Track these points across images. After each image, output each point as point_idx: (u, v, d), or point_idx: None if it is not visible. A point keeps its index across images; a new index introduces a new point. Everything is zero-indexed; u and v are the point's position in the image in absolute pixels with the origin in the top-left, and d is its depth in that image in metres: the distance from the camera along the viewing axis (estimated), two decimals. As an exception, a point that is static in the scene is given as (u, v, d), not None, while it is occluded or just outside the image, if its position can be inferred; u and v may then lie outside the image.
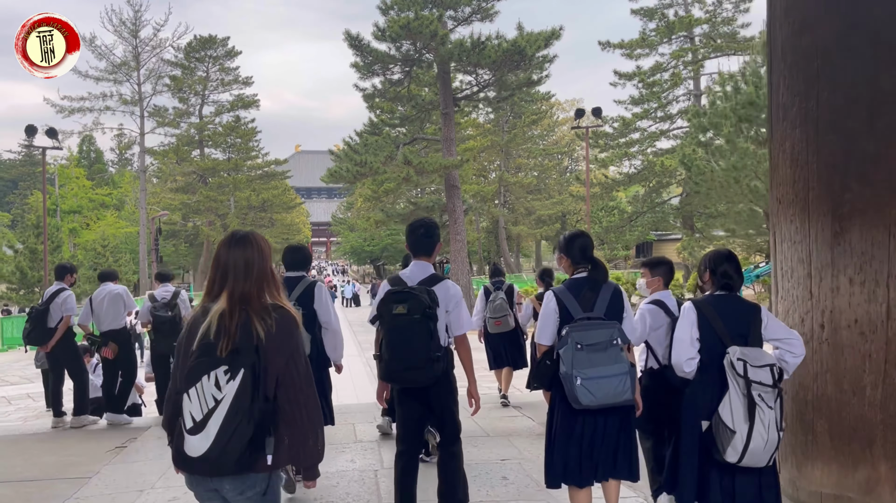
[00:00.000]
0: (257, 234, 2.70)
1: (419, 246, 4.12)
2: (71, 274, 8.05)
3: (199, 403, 2.36)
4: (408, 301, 3.78)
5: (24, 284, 29.65)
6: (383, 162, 27.06)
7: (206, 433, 2.34)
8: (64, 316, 7.69)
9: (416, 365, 3.75)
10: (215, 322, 2.45)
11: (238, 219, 49.25)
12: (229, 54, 55.00)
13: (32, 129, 23.90)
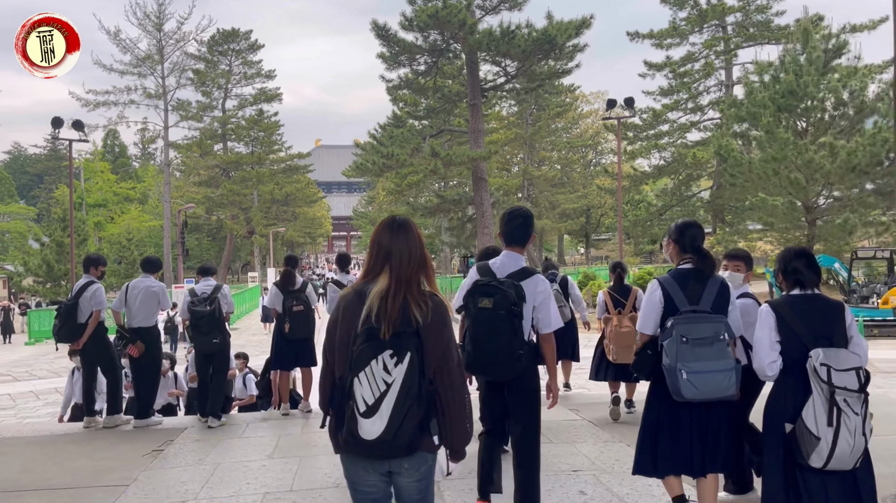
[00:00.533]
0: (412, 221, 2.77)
1: (514, 235, 4.05)
2: (97, 266, 7.60)
3: (370, 387, 2.41)
4: (494, 295, 3.71)
5: (51, 277, 29.62)
6: (410, 154, 26.60)
7: (380, 416, 2.39)
8: (94, 310, 7.27)
9: (497, 360, 3.74)
10: (376, 305, 2.51)
11: (261, 212, 49.15)
12: (252, 47, 54.82)
13: (59, 122, 23.73)
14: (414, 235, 2.66)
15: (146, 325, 7.34)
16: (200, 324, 7.11)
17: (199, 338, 7.21)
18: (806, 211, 24.21)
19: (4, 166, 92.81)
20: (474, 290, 3.80)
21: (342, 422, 2.49)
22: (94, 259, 7.70)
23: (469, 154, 26.28)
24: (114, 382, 7.45)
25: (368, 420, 2.39)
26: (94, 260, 7.68)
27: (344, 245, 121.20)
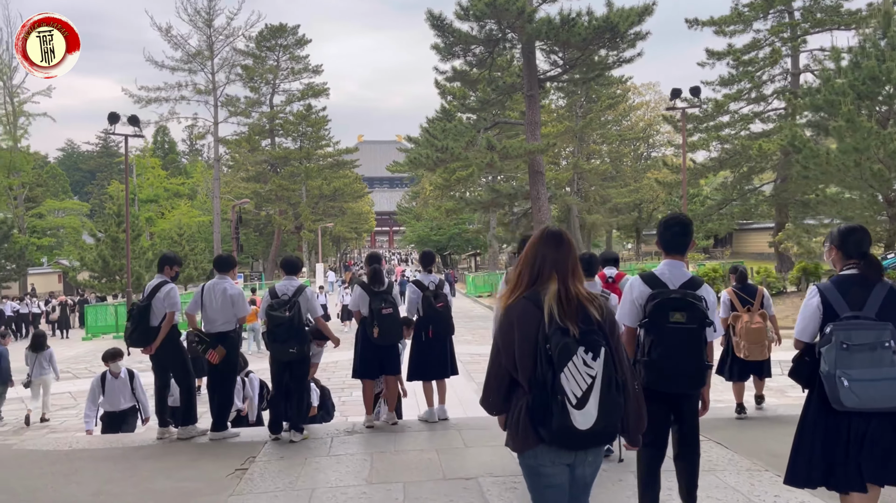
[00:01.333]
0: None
1: (674, 244, 4.04)
2: (171, 265, 7.06)
3: (577, 381, 2.61)
4: (686, 309, 3.75)
5: (106, 272, 29.78)
6: (464, 147, 25.91)
7: (591, 407, 2.61)
8: (167, 312, 6.77)
9: (691, 373, 3.81)
10: (555, 307, 2.73)
11: (309, 207, 49.04)
12: (299, 42, 54.80)
13: (115, 117, 23.70)
14: (572, 244, 2.92)
15: (226, 330, 6.78)
16: (277, 331, 6.44)
17: (274, 346, 6.59)
18: (888, 205, 22.78)
19: (58, 163, 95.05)
20: (663, 304, 3.76)
21: (542, 418, 2.69)
22: (169, 258, 7.13)
23: (526, 147, 25.46)
24: (188, 390, 6.94)
25: (580, 411, 2.60)
26: (170, 259, 7.11)
27: (386, 240, 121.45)
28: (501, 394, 2.87)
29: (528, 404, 2.74)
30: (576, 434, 2.62)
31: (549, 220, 26.87)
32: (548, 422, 2.67)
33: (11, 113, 41.48)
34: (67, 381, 15.94)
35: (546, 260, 2.86)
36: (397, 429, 6.89)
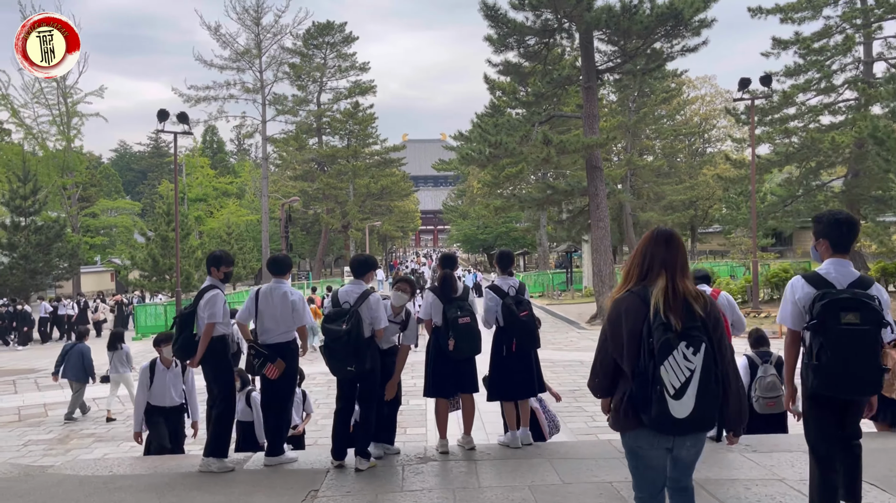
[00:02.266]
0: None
1: (843, 241, 3.88)
2: (218, 265, 6.11)
3: (676, 373, 2.85)
4: (860, 310, 3.56)
5: (156, 271, 29.68)
6: (519, 142, 24.90)
7: (688, 398, 2.84)
8: (207, 323, 5.88)
9: (868, 378, 3.61)
10: (661, 303, 2.96)
11: (357, 206, 48.62)
12: (346, 40, 54.48)
13: (164, 114, 23.40)
14: (682, 244, 3.16)
15: (285, 340, 5.97)
16: (334, 347, 5.55)
17: (331, 363, 5.69)
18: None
19: (112, 164, 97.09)
20: (833, 305, 3.58)
21: (642, 405, 2.94)
22: (216, 257, 6.19)
23: (584, 141, 24.32)
24: (218, 417, 6.02)
25: (678, 401, 2.84)
26: (217, 258, 6.17)
27: (431, 239, 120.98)
28: (608, 379, 3.13)
29: (631, 391, 2.98)
30: (673, 421, 2.84)
31: (606, 217, 25.67)
32: (647, 409, 2.90)
33: (65, 113, 41.97)
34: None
35: (655, 258, 3.08)
36: (476, 456, 5.99)
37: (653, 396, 2.86)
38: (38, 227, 25.96)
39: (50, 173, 39.11)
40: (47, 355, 21.06)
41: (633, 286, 3.08)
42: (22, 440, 10.93)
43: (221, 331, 5.97)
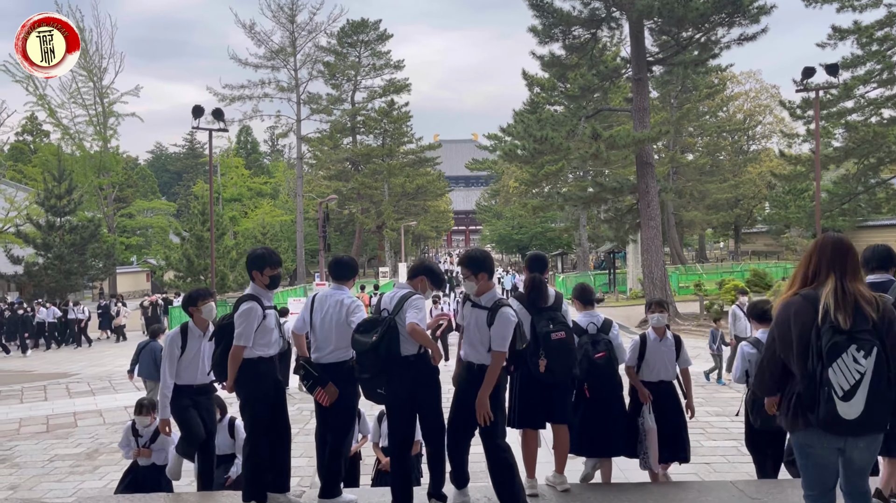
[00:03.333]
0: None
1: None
2: (261, 269, 5.04)
3: (845, 375, 2.87)
4: None
5: (191, 272, 29.13)
6: (566, 137, 23.73)
7: (857, 400, 2.86)
8: (233, 344, 4.86)
9: None
10: (832, 305, 2.98)
11: (391, 206, 47.81)
12: (381, 38, 53.75)
13: (199, 111, 22.76)
14: (852, 247, 3.20)
15: (340, 360, 4.96)
16: (362, 362, 4.55)
17: (360, 382, 4.71)
18: None
19: (148, 165, 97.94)
20: None
21: (810, 405, 2.97)
22: (258, 257, 5.08)
23: (634, 135, 23.06)
24: (249, 457, 5.04)
25: (847, 403, 2.85)
26: (259, 259, 5.06)
27: (462, 240, 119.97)
28: (775, 378, 3.20)
29: (799, 391, 3.04)
30: (842, 422, 2.89)
31: (658, 216, 24.37)
32: (815, 409, 2.95)
33: (101, 113, 41.85)
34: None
35: (822, 261, 3.15)
36: (570, 499, 4.94)
37: (820, 397, 2.91)
38: (73, 227, 25.52)
39: (86, 173, 38.96)
40: (80, 359, 20.53)
41: (802, 289, 3.14)
42: (48, 454, 10.16)
43: (257, 354, 4.92)
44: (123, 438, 6.52)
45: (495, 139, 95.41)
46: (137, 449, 6.29)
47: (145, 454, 6.26)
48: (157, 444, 6.31)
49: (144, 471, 6.33)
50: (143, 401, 6.42)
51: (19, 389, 15.14)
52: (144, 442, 6.33)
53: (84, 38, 40.70)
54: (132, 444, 6.39)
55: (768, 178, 53.67)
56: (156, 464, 6.31)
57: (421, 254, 77.43)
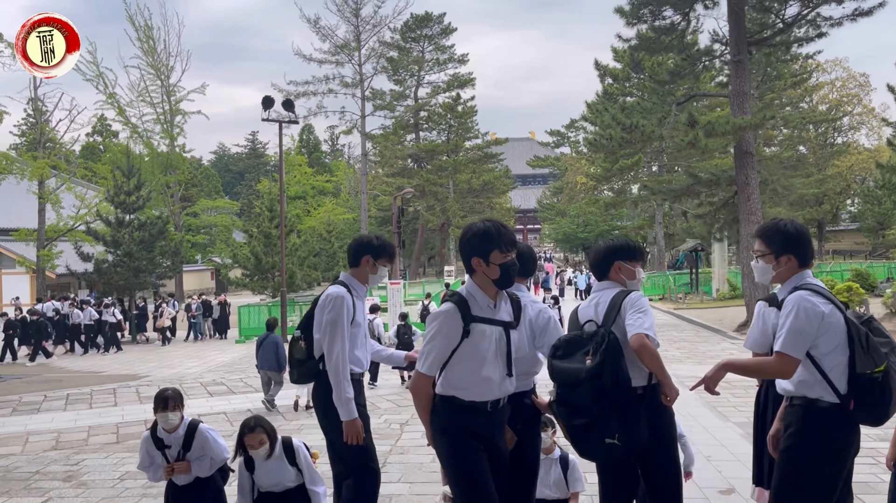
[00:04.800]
0: None
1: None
2: (377, 256, 4.17)
3: None
4: None
5: (259, 270, 28.40)
6: (658, 124, 21.93)
7: None
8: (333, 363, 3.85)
9: None
10: None
11: (457, 203, 46.49)
12: (444, 32, 52.65)
13: (269, 101, 21.85)
14: None
15: (523, 390, 3.53)
16: (576, 399, 3.14)
17: (573, 431, 3.30)
18: None
19: (211, 165, 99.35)
20: None
21: None
22: (363, 245, 4.22)
23: (735, 122, 21.09)
24: (360, 479, 3.93)
25: None
26: (364, 246, 4.21)
27: (520, 238, 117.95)
28: None
29: None
30: None
31: (759, 210, 22.31)
32: None
33: (168, 111, 41.79)
34: (221, 398, 13.68)
35: None
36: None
37: None
38: (142, 224, 25.03)
39: (154, 171, 38.89)
40: (150, 359, 19.80)
41: None
42: (119, 471, 9.08)
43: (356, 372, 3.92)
44: (142, 455, 4.82)
45: (558, 135, 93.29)
46: (169, 464, 4.70)
47: (182, 469, 4.68)
48: (195, 451, 4.71)
49: (186, 494, 4.79)
50: (166, 392, 4.73)
51: (88, 392, 14.32)
52: (176, 451, 4.72)
53: (152, 37, 40.73)
54: (158, 461, 4.78)
55: (858, 172, 50.28)
56: (199, 479, 4.77)
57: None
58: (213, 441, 4.77)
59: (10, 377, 16.62)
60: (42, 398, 13.79)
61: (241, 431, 4.65)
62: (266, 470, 4.63)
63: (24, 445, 10.36)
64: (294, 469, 4.68)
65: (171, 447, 4.71)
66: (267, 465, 4.63)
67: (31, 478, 8.79)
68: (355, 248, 4.26)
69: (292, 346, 4.25)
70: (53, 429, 11.27)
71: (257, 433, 4.55)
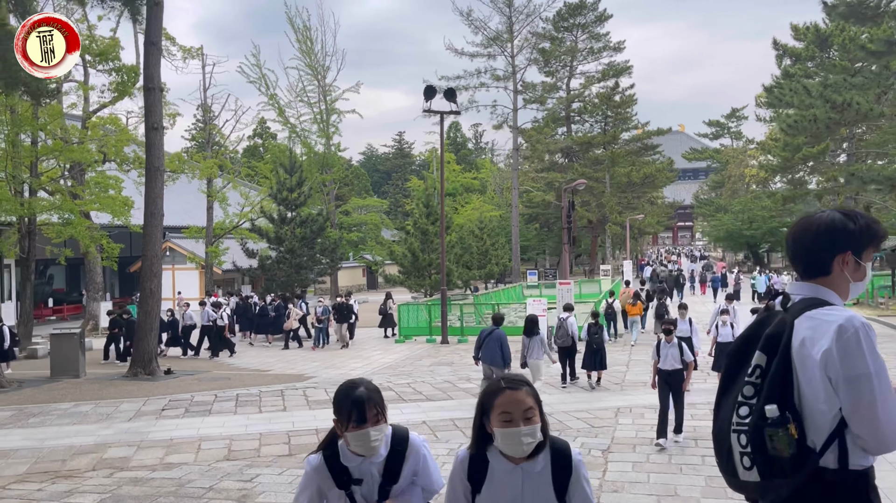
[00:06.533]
0: None
1: None
2: (863, 246, 2.29)
3: None
4: None
5: (416, 267, 27.68)
6: (876, 100, 18.68)
7: None
8: None
9: None
10: None
11: (615, 197, 43.88)
12: (599, 19, 50.11)
13: (431, 91, 20.91)
14: None
15: None
16: None
17: None
18: None
19: (360, 165, 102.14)
20: None
21: None
22: (835, 234, 2.26)
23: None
24: None
25: None
26: (837, 237, 2.26)
27: (669, 236, 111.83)
28: None
29: None
30: None
31: None
32: None
33: (324, 111, 42.47)
34: (391, 405, 12.57)
35: None
36: None
37: None
38: (304, 221, 24.97)
39: (311, 170, 39.58)
40: (315, 357, 19.34)
41: None
42: (292, 488, 8.08)
43: None
44: (310, 496, 2.95)
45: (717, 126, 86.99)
46: None
47: None
48: (404, 481, 2.92)
49: None
50: (357, 390, 2.82)
51: (257, 394, 13.77)
52: (374, 489, 2.88)
53: (310, 37, 41.54)
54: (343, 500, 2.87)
55: None
56: None
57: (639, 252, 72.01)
58: (430, 462, 3.03)
59: (183, 373, 16.61)
60: (213, 398, 13.38)
61: None
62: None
63: (197, 453, 9.71)
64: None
65: (364, 482, 2.90)
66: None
67: (205, 495, 7.97)
68: (822, 244, 2.28)
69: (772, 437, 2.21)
70: (225, 434, 10.62)
71: None
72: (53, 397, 13.82)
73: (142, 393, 14.04)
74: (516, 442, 2.47)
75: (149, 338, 16.33)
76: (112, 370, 17.43)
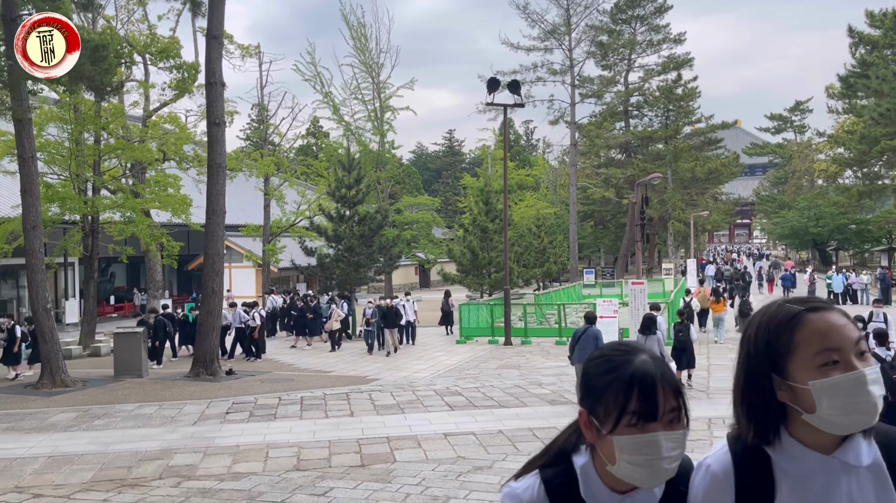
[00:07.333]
0: None
1: None
2: None
3: None
4: None
5: (475, 266, 26.97)
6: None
7: None
8: None
9: None
10: None
11: (678, 194, 42.37)
12: (658, 10, 48.53)
13: (494, 83, 20.34)
14: None
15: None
16: None
17: None
18: None
19: (411, 163, 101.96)
20: None
21: None
22: None
23: None
24: None
25: None
26: None
27: (726, 234, 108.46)
28: None
29: None
30: None
31: None
32: None
33: (378, 108, 42.08)
34: (463, 413, 11.88)
35: None
36: None
37: None
38: (362, 218, 24.53)
39: (367, 167, 39.21)
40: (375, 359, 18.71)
41: None
42: (371, 508, 7.47)
43: None
44: None
45: (779, 120, 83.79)
46: None
47: None
48: None
49: None
50: (644, 366, 1.53)
51: (322, 397, 13.27)
52: None
53: (364, 34, 41.16)
54: None
55: None
56: None
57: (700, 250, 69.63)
58: None
59: (245, 374, 16.27)
60: (277, 401, 12.93)
61: None
62: None
63: (265, 461, 9.20)
64: None
65: None
66: None
67: (278, 511, 7.45)
68: None
69: None
70: (293, 441, 10.10)
71: None
72: (117, 398, 13.59)
73: (205, 394, 13.69)
74: (870, 404, 1.38)
75: (210, 337, 16.03)
76: (174, 370, 17.22)
